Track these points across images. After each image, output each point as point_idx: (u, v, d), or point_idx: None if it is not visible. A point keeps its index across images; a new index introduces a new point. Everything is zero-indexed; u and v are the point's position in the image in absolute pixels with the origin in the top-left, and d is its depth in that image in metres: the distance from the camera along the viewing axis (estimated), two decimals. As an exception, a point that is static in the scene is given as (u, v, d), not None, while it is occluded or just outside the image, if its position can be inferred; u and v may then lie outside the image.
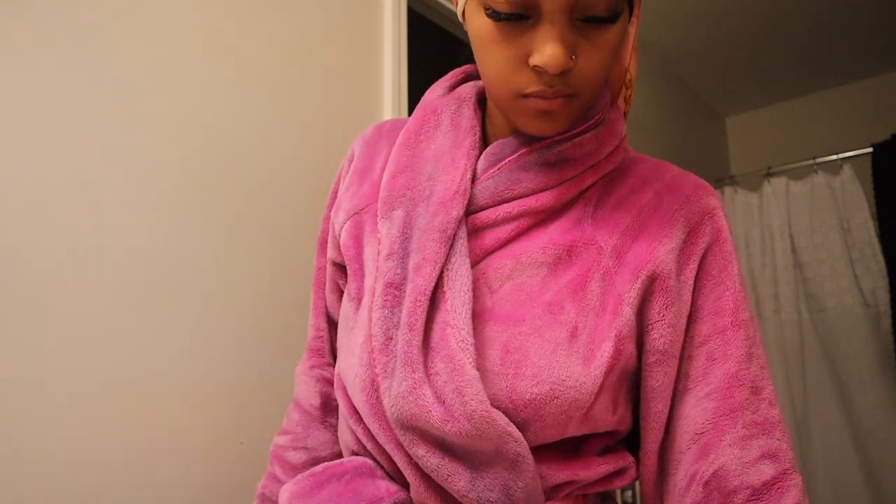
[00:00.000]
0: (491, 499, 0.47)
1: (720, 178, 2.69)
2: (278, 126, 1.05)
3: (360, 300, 0.56)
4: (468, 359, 0.46)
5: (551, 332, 0.48)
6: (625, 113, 0.64)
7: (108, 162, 0.82)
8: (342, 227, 0.61)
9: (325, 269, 0.68)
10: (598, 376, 0.48)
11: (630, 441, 0.59)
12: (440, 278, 0.50)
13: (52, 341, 0.73)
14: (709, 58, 2.72)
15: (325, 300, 0.69)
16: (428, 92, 0.63)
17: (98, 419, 0.76)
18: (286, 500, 0.53)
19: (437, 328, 0.48)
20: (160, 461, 0.81)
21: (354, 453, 0.56)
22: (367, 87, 1.24)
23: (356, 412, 0.54)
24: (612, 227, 0.53)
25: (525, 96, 0.48)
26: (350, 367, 0.53)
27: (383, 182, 0.57)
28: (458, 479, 0.47)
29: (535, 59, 0.45)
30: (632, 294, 0.50)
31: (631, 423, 0.56)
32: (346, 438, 0.57)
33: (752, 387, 0.49)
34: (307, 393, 0.67)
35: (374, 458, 0.54)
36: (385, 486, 0.51)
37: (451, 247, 0.51)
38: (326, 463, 0.56)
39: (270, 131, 1.03)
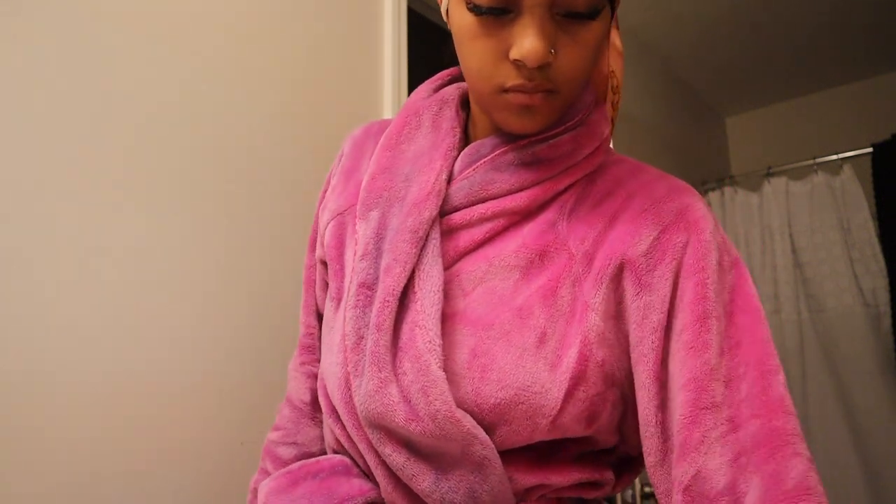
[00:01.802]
0: (455, 500, 0.47)
1: (720, 178, 2.69)
2: (278, 126, 1.05)
3: (339, 300, 0.57)
4: (434, 359, 0.46)
5: (519, 336, 0.48)
6: (612, 119, 0.64)
7: (109, 161, 0.82)
8: (326, 227, 0.61)
9: (315, 267, 0.69)
10: (563, 382, 0.47)
11: (621, 460, 0.56)
12: (412, 279, 0.50)
13: (51, 341, 0.73)
14: (709, 58, 2.72)
15: (315, 298, 0.69)
16: (413, 93, 0.63)
17: (98, 419, 0.76)
18: (264, 496, 0.54)
19: (406, 328, 0.49)
20: (160, 461, 0.81)
21: (335, 451, 0.57)
22: (367, 87, 1.24)
23: (335, 411, 0.54)
24: (584, 232, 0.52)
25: (506, 91, 0.48)
26: (330, 365, 0.54)
27: (363, 183, 0.57)
28: (422, 479, 0.47)
29: (514, 53, 0.46)
30: (597, 300, 0.49)
31: (617, 438, 0.54)
32: (327, 436, 0.58)
33: (727, 378, 0.44)
34: (297, 389, 0.68)
35: (350, 457, 0.55)
36: (359, 485, 0.52)
37: (424, 247, 0.51)
38: (303, 461, 0.56)
39: (270, 131, 1.03)
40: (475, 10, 0.46)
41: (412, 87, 1.31)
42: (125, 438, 0.78)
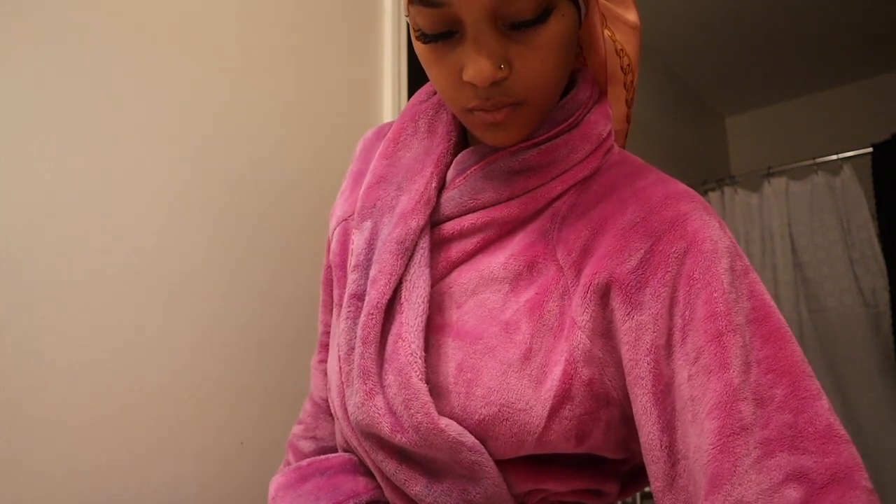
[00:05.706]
0: (448, 503, 0.47)
1: (720, 178, 2.69)
2: (278, 127, 1.05)
3: (342, 307, 0.57)
4: (415, 371, 0.46)
5: (504, 352, 0.47)
6: (627, 101, 0.61)
7: (111, 163, 0.82)
8: (332, 233, 0.62)
9: (331, 268, 0.69)
10: (547, 400, 0.45)
11: (635, 468, 0.55)
12: (399, 290, 0.50)
13: (52, 341, 0.73)
14: (709, 58, 2.72)
15: (331, 297, 0.70)
16: (413, 96, 0.62)
17: (98, 419, 0.76)
18: (273, 491, 0.56)
19: (391, 340, 0.49)
20: (160, 461, 0.81)
21: (345, 450, 0.58)
22: (367, 87, 1.24)
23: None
24: (572, 241, 0.49)
25: (470, 110, 0.48)
26: (331, 372, 0.55)
27: (360, 192, 0.57)
28: (414, 484, 0.48)
29: (464, 75, 0.45)
30: (584, 317, 0.46)
31: (623, 454, 0.51)
32: (337, 435, 0.59)
33: (757, 396, 0.39)
34: (316, 386, 0.70)
35: (358, 455, 0.55)
36: (364, 483, 0.53)
37: (411, 258, 0.51)
38: (313, 458, 0.58)
39: (270, 132, 1.04)
40: (423, 38, 0.46)
41: (412, 88, 1.31)
42: (125, 438, 0.78)
